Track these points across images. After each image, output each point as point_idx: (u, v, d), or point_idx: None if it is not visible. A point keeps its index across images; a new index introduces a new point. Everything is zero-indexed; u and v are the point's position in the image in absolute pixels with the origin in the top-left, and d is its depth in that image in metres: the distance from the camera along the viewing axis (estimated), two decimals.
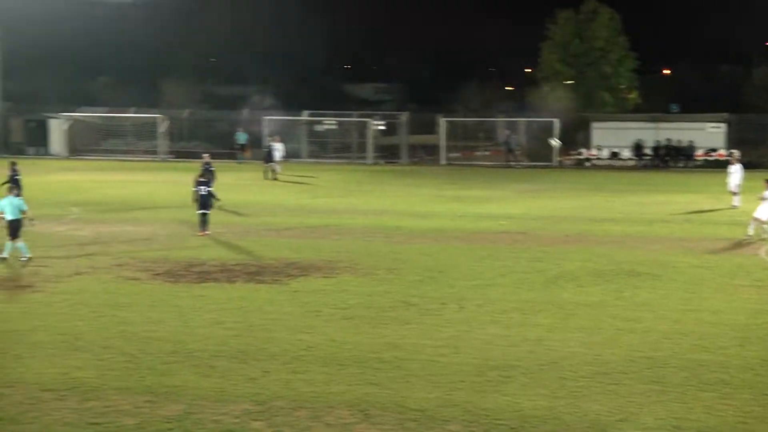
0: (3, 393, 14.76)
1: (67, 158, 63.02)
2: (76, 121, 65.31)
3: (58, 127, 65.09)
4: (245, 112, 65.46)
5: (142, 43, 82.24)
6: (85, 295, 21.64)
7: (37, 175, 51.05)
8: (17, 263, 25.26)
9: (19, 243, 25.66)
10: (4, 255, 25.51)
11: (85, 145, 65.16)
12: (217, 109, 70.98)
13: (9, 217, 25.63)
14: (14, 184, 32.92)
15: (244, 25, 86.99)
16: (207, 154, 38.45)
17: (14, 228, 25.65)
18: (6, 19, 66.90)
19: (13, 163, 36.29)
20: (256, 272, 24.36)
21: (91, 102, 68.40)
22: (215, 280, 23.48)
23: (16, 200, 26.12)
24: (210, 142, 62.50)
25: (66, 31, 79.81)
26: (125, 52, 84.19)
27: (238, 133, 61.03)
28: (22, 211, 25.87)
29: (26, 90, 75.92)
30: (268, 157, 49.81)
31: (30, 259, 25.47)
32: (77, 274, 24.13)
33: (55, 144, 65.14)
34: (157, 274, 24.09)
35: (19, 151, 64.86)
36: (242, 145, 60.21)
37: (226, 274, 24.16)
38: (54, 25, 78.52)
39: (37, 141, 65.86)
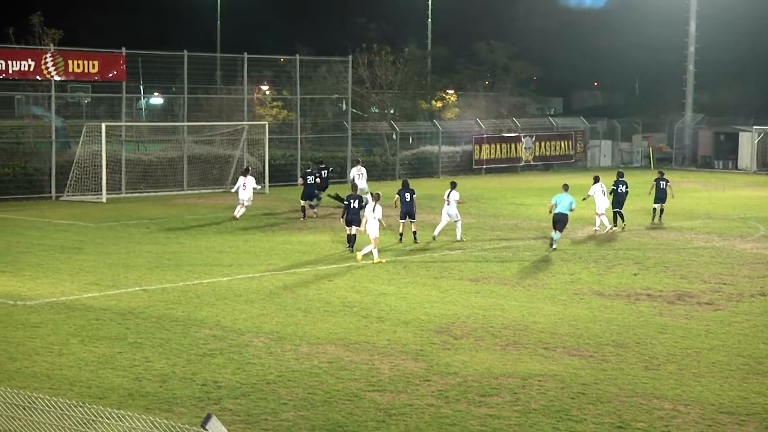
0: (679, 411, 14.93)
1: (755, 173, 62.33)
2: (767, 135, 64.32)
3: (748, 141, 64.63)
4: None
5: None
6: (767, 318, 21.18)
7: (723, 189, 51.26)
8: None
9: (556, 235, 30.05)
10: (554, 246, 29.90)
11: None
12: None
13: (558, 210, 30.05)
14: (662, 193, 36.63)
15: None
16: None
17: (558, 221, 29.99)
18: (702, 30, 68.14)
19: (661, 173, 38.43)
20: None
21: None
22: None
23: (570, 197, 30.52)
24: None
25: (765, 39, 78.87)
26: None
27: None
28: (571, 210, 30.41)
29: (717, 102, 76.52)
30: None
31: (554, 249, 29.71)
32: (761, 294, 23.69)
33: (744, 158, 64.77)
34: None
35: (706, 165, 65.61)
36: None
37: None
38: (753, 33, 77.99)
39: (725, 154, 66.05)
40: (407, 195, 31.02)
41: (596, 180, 34.63)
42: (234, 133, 50.22)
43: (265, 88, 61.75)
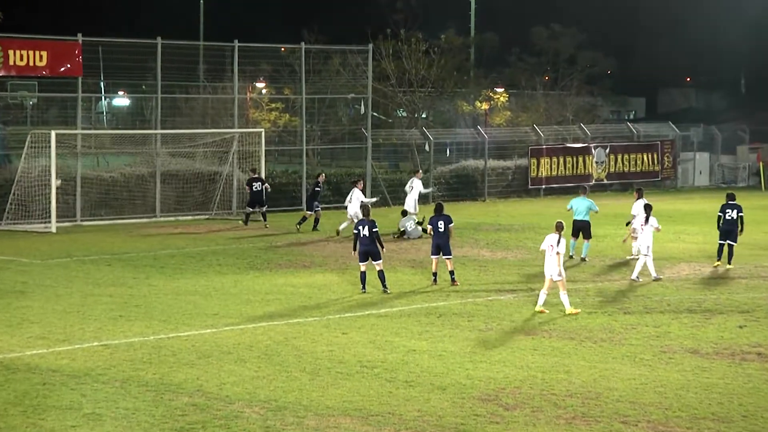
0: None
1: None
2: None
3: None
4: None
5: None
6: None
7: None
8: None
9: (586, 243, 35.43)
10: (574, 254, 35.48)
11: None
12: None
13: (577, 217, 35.21)
14: None
15: None
16: None
17: (580, 228, 35.33)
18: None
19: None
20: None
21: None
22: None
23: (587, 201, 35.75)
24: None
25: None
26: None
27: None
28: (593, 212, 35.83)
29: None
30: None
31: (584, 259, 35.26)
32: None
33: None
34: None
35: None
36: None
37: None
38: None
39: None
40: (441, 224, 30.80)
41: (639, 194, 35.39)
42: (221, 143, 50.40)
43: (261, 85, 62.04)
